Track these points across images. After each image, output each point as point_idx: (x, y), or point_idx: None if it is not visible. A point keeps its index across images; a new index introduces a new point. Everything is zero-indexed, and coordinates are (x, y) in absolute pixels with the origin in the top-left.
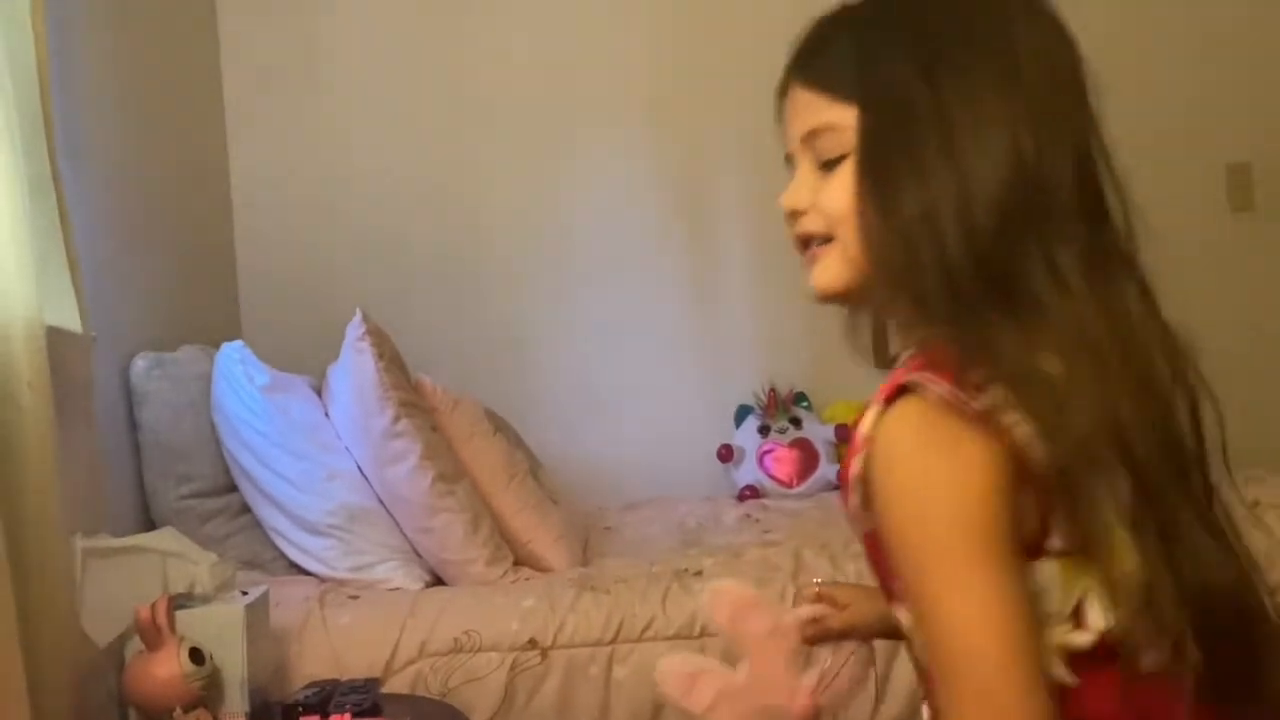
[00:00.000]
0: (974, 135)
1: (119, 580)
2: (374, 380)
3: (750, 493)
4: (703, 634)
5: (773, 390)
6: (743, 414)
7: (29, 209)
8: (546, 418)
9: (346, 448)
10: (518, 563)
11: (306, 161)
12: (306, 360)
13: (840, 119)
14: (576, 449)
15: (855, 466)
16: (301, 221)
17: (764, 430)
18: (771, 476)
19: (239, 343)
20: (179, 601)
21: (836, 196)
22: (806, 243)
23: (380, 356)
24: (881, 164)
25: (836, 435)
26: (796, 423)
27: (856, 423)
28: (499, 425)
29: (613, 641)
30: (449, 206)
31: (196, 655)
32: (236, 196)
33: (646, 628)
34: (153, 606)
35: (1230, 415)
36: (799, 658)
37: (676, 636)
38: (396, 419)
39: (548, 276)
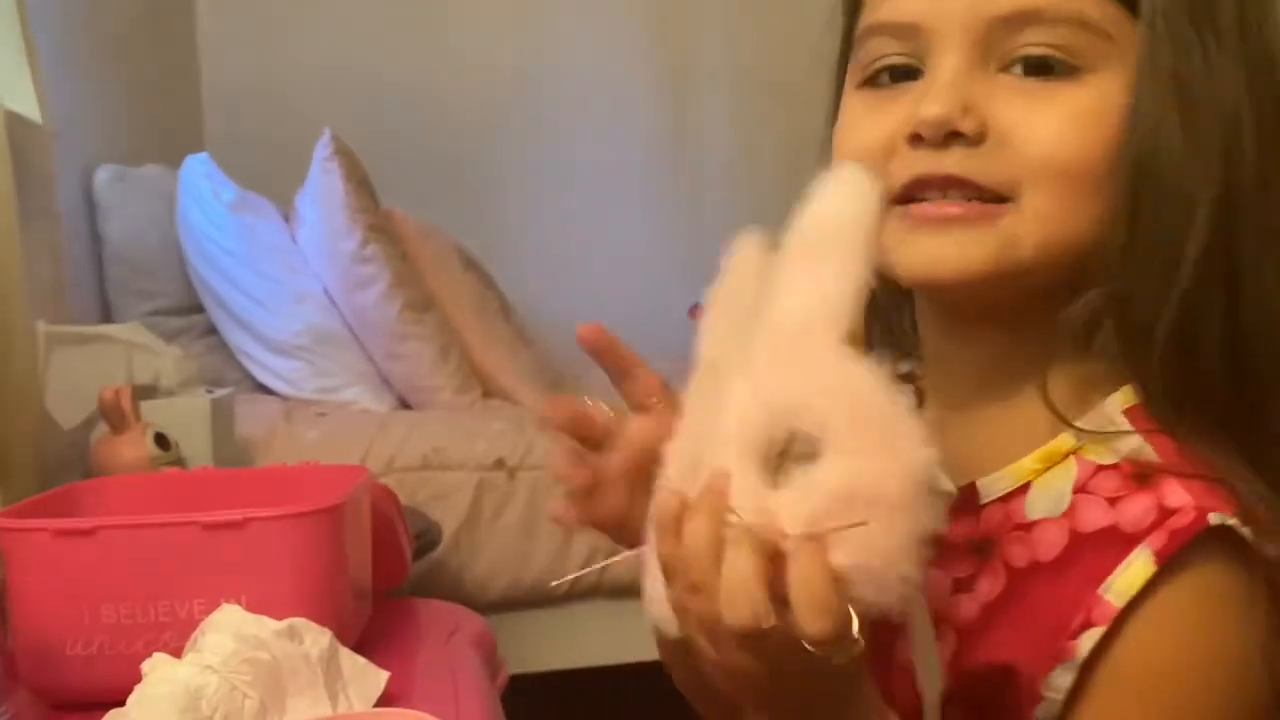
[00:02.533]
0: None
1: (83, 367)
2: (342, 201)
3: None
4: None
5: None
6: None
7: None
8: (516, 268)
9: (315, 271)
10: (486, 395)
11: None
12: (272, 191)
13: (1108, 20)
14: (547, 302)
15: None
16: (270, 47)
17: None
18: None
19: (204, 155)
20: (143, 393)
21: (1058, 136)
22: (928, 186)
23: (349, 178)
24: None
25: None
26: None
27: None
28: (470, 264)
29: None
30: (425, 44)
31: (162, 440)
32: (202, 24)
33: None
34: (117, 390)
35: None
36: None
37: None
38: (365, 243)
39: (525, 123)
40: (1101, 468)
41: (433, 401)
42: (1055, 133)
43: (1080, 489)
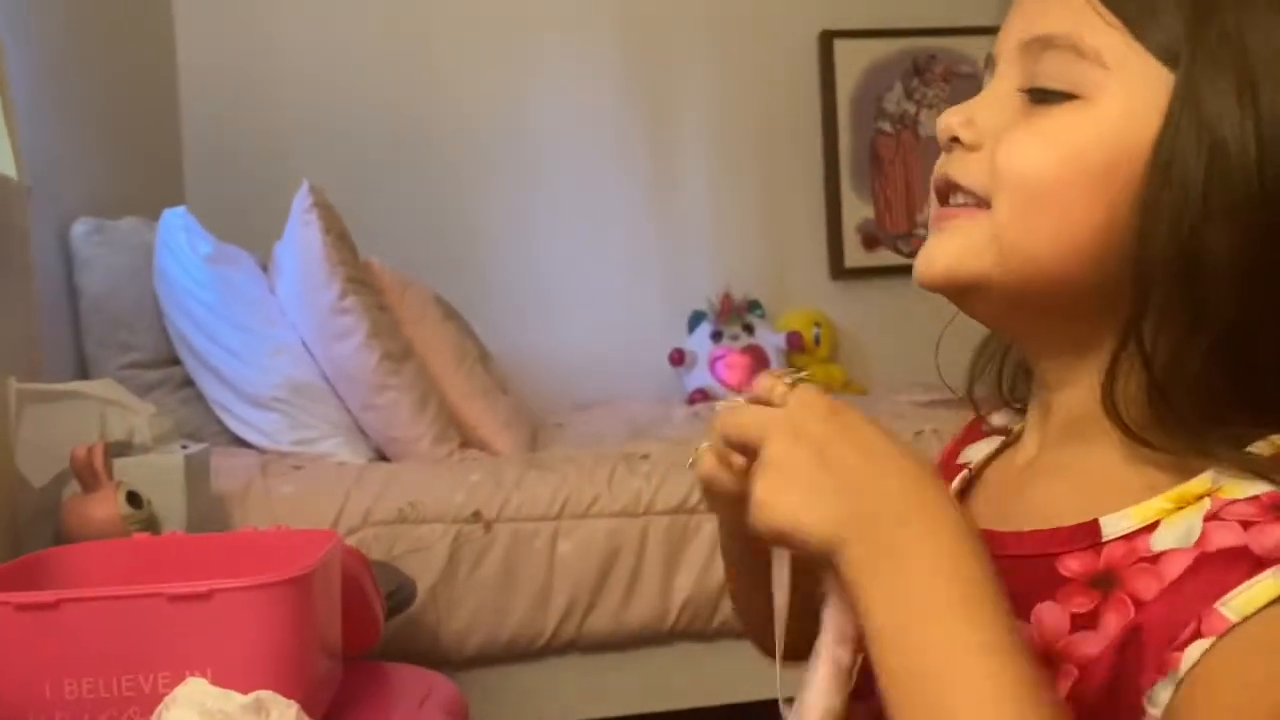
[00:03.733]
0: None
1: (55, 424)
2: (320, 253)
3: (700, 396)
4: (646, 512)
5: (727, 296)
6: (696, 320)
7: None
8: (497, 316)
9: (292, 323)
10: (464, 445)
11: (257, 38)
12: (251, 241)
13: (1105, 48)
14: (527, 349)
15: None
16: (250, 102)
17: (716, 336)
18: (722, 382)
19: (182, 209)
20: (117, 450)
21: (1025, 150)
22: (946, 194)
23: (327, 230)
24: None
25: (788, 343)
26: (749, 329)
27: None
28: (449, 313)
29: (558, 516)
30: (405, 95)
31: (134, 499)
32: (183, 76)
33: (592, 504)
34: (89, 448)
35: None
36: None
37: (622, 514)
38: (343, 294)
39: (504, 171)
40: (1238, 500)
41: (410, 452)
42: (1022, 147)
43: (1211, 517)
